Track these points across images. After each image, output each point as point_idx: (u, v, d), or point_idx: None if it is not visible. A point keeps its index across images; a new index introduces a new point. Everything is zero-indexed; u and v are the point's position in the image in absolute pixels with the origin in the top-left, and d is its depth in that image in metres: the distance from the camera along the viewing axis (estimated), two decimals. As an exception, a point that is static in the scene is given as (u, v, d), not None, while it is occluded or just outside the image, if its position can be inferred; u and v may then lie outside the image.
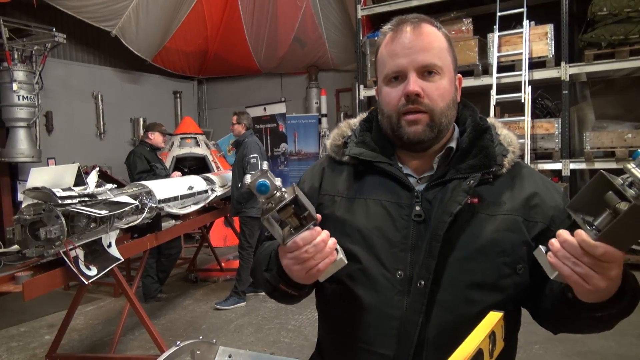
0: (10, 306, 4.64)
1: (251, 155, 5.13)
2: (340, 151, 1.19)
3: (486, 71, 6.69)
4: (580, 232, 0.81)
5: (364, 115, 1.26)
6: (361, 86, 7.68)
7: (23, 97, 6.57)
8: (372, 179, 1.12)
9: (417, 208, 1.05)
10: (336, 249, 0.96)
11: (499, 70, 6.39)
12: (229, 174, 5.53)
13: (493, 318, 0.88)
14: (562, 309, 0.99)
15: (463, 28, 7.02)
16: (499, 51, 6.40)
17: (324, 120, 9.12)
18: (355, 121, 1.25)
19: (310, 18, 8.56)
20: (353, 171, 1.15)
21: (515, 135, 1.16)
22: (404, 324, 1.02)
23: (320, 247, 0.92)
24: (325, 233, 0.93)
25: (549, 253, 0.85)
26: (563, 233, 0.84)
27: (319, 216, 0.97)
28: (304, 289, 1.06)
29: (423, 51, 1.05)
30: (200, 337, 0.92)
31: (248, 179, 0.89)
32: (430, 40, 1.06)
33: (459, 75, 1.16)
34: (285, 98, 9.44)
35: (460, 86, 1.16)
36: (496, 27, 6.38)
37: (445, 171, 1.08)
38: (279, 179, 0.91)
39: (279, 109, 6.53)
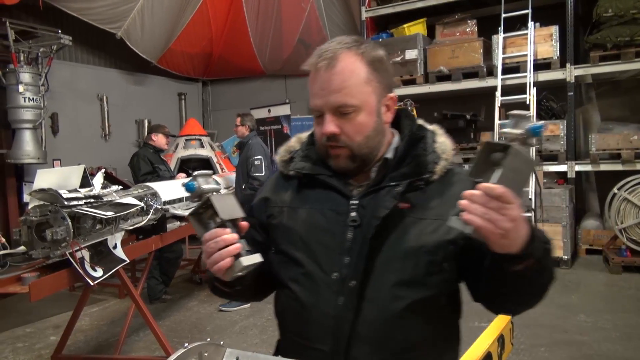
0: (16, 307, 4.66)
1: (255, 157, 5.13)
2: (288, 166, 1.28)
3: (491, 73, 6.68)
4: (482, 183, 0.90)
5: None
6: (365, 88, 7.67)
7: (29, 98, 6.60)
8: (314, 190, 1.22)
9: (353, 214, 1.15)
10: (243, 254, 1.05)
11: (504, 71, 6.39)
12: (234, 175, 5.54)
13: (501, 322, 0.88)
14: (491, 276, 1.06)
15: (467, 30, 7.01)
16: (503, 53, 6.40)
17: (328, 121, 9.12)
18: (306, 135, 1.34)
19: (314, 20, 8.58)
20: (298, 183, 1.25)
21: (452, 143, 1.23)
22: (337, 321, 1.11)
23: (219, 245, 1.03)
24: (230, 236, 1.04)
25: (461, 213, 0.92)
26: (468, 191, 0.91)
27: (244, 224, 1.10)
28: (233, 287, 1.18)
29: (335, 92, 1.11)
30: (208, 339, 0.92)
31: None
32: (344, 79, 1.11)
33: (391, 95, 1.19)
34: (290, 99, 9.45)
35: (395, 105, 1.21)
36: (501, 28, 6.37)
37: (381, 179, 1.17)
38: (219, 186, 1.10)
39: (284, 110, 6.53)
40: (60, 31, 6.77)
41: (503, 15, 6.41)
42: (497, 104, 6.21)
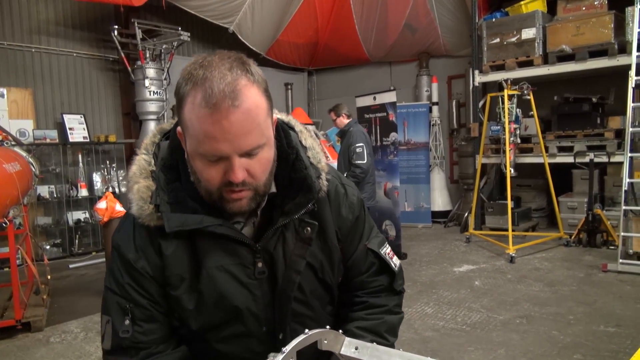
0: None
1: (357, 145, 5.11)
2: (154, 217, 1.01)
3: (623, 50, 5.98)
4: None
5: (155, 137, 1.11)
6: (476, 72, 7.29)
7: (153, 92, 7.21)
8: (205, 242, 1.03)
9: (260, 265, 1.05)
10: None
11: (640, 48, 5.66)
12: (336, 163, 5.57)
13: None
14: None
15: (596, 3, 6.34)
16: (640, 26, 5.66)
17: (435, 108, 8.83)
18: (147, 160, 1.07)
19: (422, 3, 8.30)
20: (180, 238, 1.03)
21: (318, 144, 1.16)
22: None
23: None
24: None
25: None
26: None
27: None
28: None
29: (247, 134, 0.91)
30: (327, 327, 0.90)
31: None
32: (254, 117, 0.91)
33: (275, 117, 1.05)
34: (395, 86, 9.27)
35: (275, 125, 1.05)
36: (637, -1, 5.64)
37: (270, 209, 1.07)
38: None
39: (389, 97, 6.40)
40: (180, 28, 7.28)
41: (640, -16, 5.67)
42: (631, 84, 5.51)
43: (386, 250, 1.24)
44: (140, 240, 1.03)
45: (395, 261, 1.26)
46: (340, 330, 0.93)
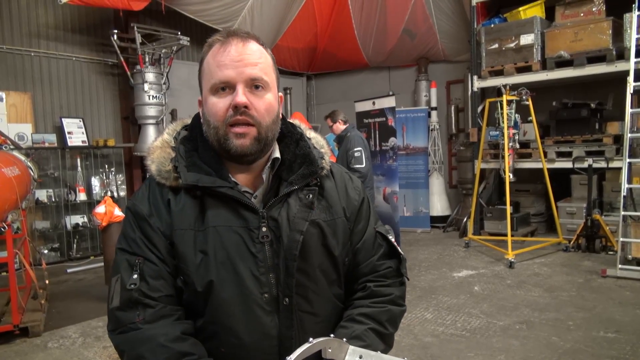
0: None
1: (355, 149, 5.12)
2: (171, 176, 1.12)
3: (621, 56, 6.01)
4: None
5: (178, 126, 1.23)
6: (475, 77, 7.31)
7: (153, 96, 7.21)
8: (214, 204, 1.10)
9: (264, 229, 1.10)
10: None
11: (638, 54, 5.68)
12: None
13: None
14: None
15: (594, 9, 6.37)
16: (638, 32, 5.68)
17: (434, 113, 8.84)
18: (169, 138, 1.19)
19: (420, 9, 8.33)
20: (191, 197, 1.11)
21: (321, 137, 1.28)
22: (282, 341, 1.09)
23: None
24: None
25: None
26: None
27: None
28: None
29: (251, 65, 1.08)
30: (331, 336, 0.90)
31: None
32: (258, 56, 1.10)
33: (281, 94, 1.19)
34: (394, 91, 9.30)
35: (282, 104, 1.20)
36: (635, 5, 5.67)
37: (277, 184, 1.15)
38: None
39: (388, 102, 6.41)
40: (179, 33, 7.29)
41: (638, -10, 5.69)
42: (629, 90, 5.53)
43: (392, 238, 1.29)
44: (154, 198, 1.13)
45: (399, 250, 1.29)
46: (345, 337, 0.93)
